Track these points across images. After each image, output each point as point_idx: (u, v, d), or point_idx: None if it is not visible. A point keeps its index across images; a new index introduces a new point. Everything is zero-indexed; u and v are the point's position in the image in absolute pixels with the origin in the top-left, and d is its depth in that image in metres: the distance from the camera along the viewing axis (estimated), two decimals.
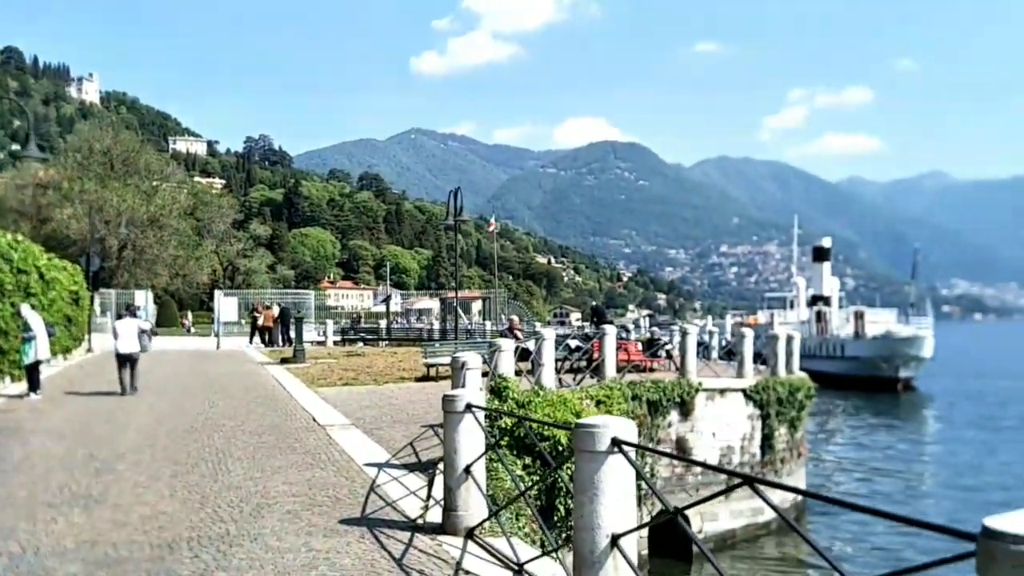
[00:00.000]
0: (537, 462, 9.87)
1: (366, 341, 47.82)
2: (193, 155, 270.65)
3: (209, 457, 11.28)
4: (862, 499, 24.67)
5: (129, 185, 72.59)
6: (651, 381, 18.03)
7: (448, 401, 7.47)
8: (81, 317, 30.00)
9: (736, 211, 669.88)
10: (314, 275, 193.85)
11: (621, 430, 4.72)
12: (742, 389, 20.32)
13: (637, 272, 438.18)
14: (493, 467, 8.73)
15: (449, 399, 7.48)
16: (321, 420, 14.56)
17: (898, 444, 38.18)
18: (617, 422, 4.76)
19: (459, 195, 28.91)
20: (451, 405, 7.46)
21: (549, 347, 15.31)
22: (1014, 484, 28.61)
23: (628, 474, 4.79)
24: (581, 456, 4.80)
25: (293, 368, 25.38)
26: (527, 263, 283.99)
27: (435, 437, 12.60)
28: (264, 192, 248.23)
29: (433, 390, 19.01)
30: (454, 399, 7.45)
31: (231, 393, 18.68)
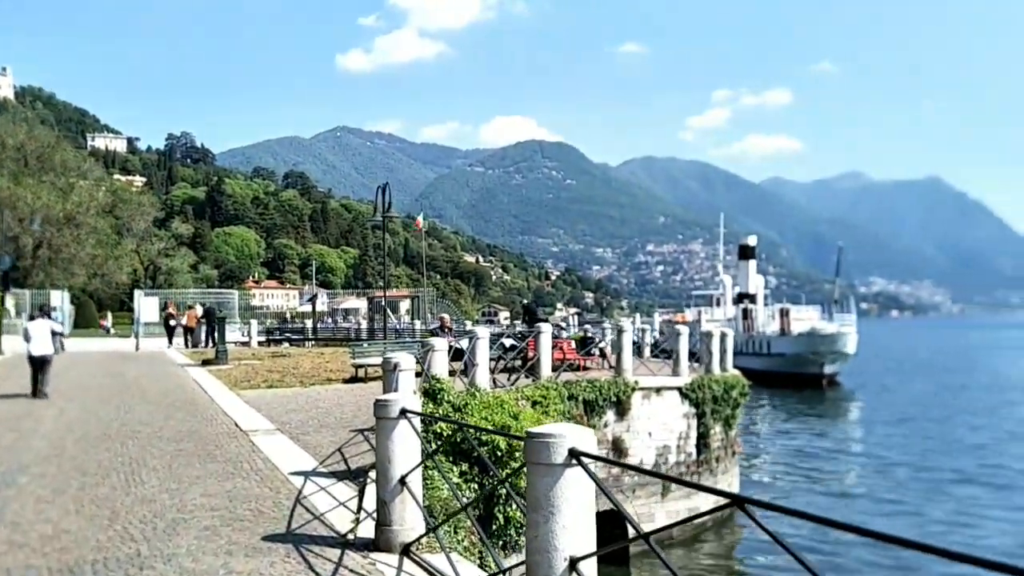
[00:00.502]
0: (475, 468, 9.35)
1: (292, 341, 46.69)
2: (113, 152, 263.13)
3: (121, 467, 10.51)
4: (798, 500, 24.70)
5: (44, 182, 70.15)
6: (587, 380, 17.62)
7: (381, 406, 6.90)
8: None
9: (662, 210, 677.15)
10: (238, 275, 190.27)
11: (579, 440, 4.22)
12: (678, 387, 20.04)
13: (565, 271, 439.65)
14: (429, 475, 8.18)
15: (382, 404, 6.91)
16: (244, 425, 13.83)
17: (825, 440, 38.54)
18: (574, 431, 4.26)
19: (387, 190, 28.21)
20: (384, 410, 6.88)
21: (483, 346, 14.79)
22: (930, 474, 28.96)
23: (588, 488, 4.30)
24: (535, 470, 4.28)
25: (215, 370, 24.41)
26: (455, 262, 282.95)
27: (365, 443, 11.99)
28: (186, 190, 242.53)
29: (362, 392, 18.35)
30: (387, 404, 6.87)
31: (148, 397, 17.77)
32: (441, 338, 18.46)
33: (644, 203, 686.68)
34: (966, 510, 24.18)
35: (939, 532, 21.41)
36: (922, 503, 24.82)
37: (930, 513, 23.69)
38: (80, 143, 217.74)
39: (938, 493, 26.26)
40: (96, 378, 21.98)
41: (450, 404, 9.93)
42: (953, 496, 25.89)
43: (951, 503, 25.03)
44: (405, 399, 6.93)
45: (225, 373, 23.16)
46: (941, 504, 24.79)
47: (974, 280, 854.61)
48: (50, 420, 14.59)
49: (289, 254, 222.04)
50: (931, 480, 28.23)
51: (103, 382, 20.96)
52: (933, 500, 25.25)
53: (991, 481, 28.16)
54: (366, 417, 14.42)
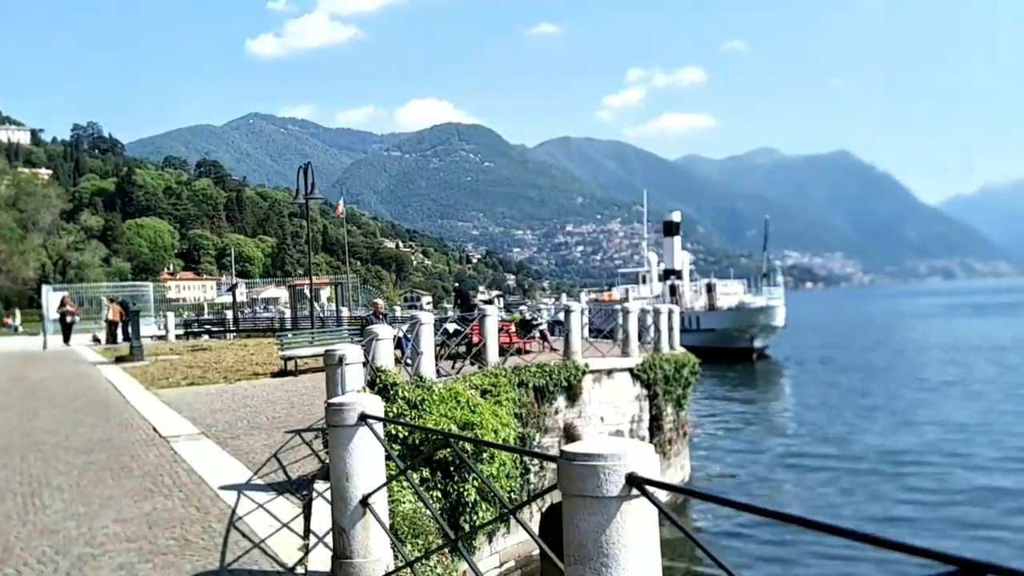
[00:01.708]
0: (436, 473, 8.13)
1: (212, 334, 44.68)
2: (15, 145, 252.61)
3: (19, 488, 9.01)
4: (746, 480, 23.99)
5: None
6: (536, 365, 16.46)
7: (335, 411, 5.61)
8: None
9: (580, 191, 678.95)
10: (153, 267, 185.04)
11: (639, 460, 3.01)
12: (629, 369, 19.02)
13: (486, 254, 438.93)
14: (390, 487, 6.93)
15: (336, 408, 5.62)
16: (163, 430, 12.35)
17: (764, 414, 38.23)
18: (634, 448, 3.05)
19: (310, 171, 26.62)
20: (339, 416, 5.60)
21: (428, 332, 13.50)
22: (873, 443, 28.70)
23: (651, 526, 3.10)
24: (576, 505, 3.05)
25: (130, 368, 22.66)
26: (375, 248, 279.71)
27: (304, 446, 10.68)
28: (95, 182, 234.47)
29: (293, 387, 16.97)
30: (342, 408, 5.59)
31: (56, 401, 16.08)
32: (381, 325, 17.16)
33: (562, 184, 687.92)
34: (908, 471, 24.01)
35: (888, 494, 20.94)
36: (865, 476, 24.39)
37: (877, 487, 23.24)
38: None
39: (881, 459, 25.92)
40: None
41: (404, 401, 8.69)
42: (895, 458, 25.64)
43: (889, 465, 24.81)
44: (365, 402, 5.66)
45: (141, 371, 21.46)
46: (885, 468, 24.42)
47: (883, 250, 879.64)
48: None
49: (205, 244, 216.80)
50: (876, 452, 27.90)
51: (5, 385, 19.10)
52: (876, 470, 24.87)
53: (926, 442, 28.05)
54: (301, 415, 13.09)
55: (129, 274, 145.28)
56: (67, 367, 23.85)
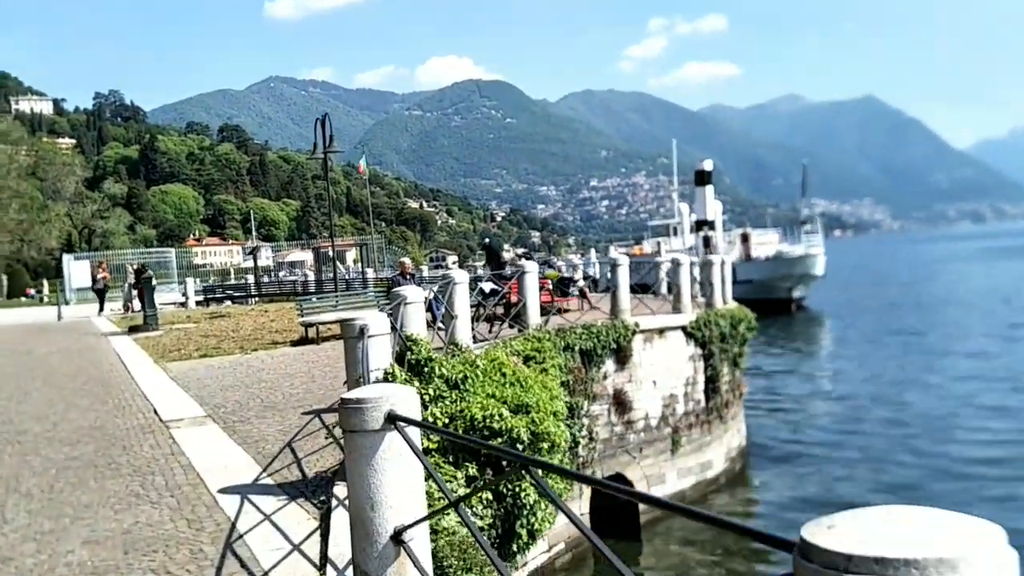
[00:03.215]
0: (487, 471, 6.48)
1: (233, 299, 43.29)
2: (38, 115, 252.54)
3: None
4: (807, 444, 22.25)
5: None
6: (582, 326, 14.78)
7: (353, 410, 3.94)
8: None
9: (603, 144, 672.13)
10: (178, 233, 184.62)
11: None
12: (682, 327, 17.28)
13: (510, 211, 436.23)
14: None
15: (354, 407, 3.94)
16: (165, 413, 10.79)
17: (809, 369, 36.45)
18: None
19: (327, 123, 24.88)
20: (359, 417, 3.93)
21: (463, 293, 11.84)
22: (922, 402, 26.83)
23: None
24: None
25: (142, 338, 21.19)
26: (399, 208, 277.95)
27: (324, 431, 9.07)
28: (118, 150, 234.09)
29: (314, 357, 15.39)
30: (364, 407, 3.91)
31: (54, 379, 14.59)
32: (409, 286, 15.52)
33: (585, 138, 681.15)
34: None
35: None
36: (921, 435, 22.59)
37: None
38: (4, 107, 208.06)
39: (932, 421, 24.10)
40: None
41: (443, 380, 7.02)
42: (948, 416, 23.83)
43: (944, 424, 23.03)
44: (394, 396, 3.98)
45: (153, 342, 19.98)
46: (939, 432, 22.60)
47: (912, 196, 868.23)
48: None
49: (229, 209, 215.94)
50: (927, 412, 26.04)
51: (4, 361, 17.65)
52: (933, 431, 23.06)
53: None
54: (322, 392, 11.51)
55: (155, 241, 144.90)
56: (75, 339, 22.41)
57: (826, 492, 17.88)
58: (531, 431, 6.57)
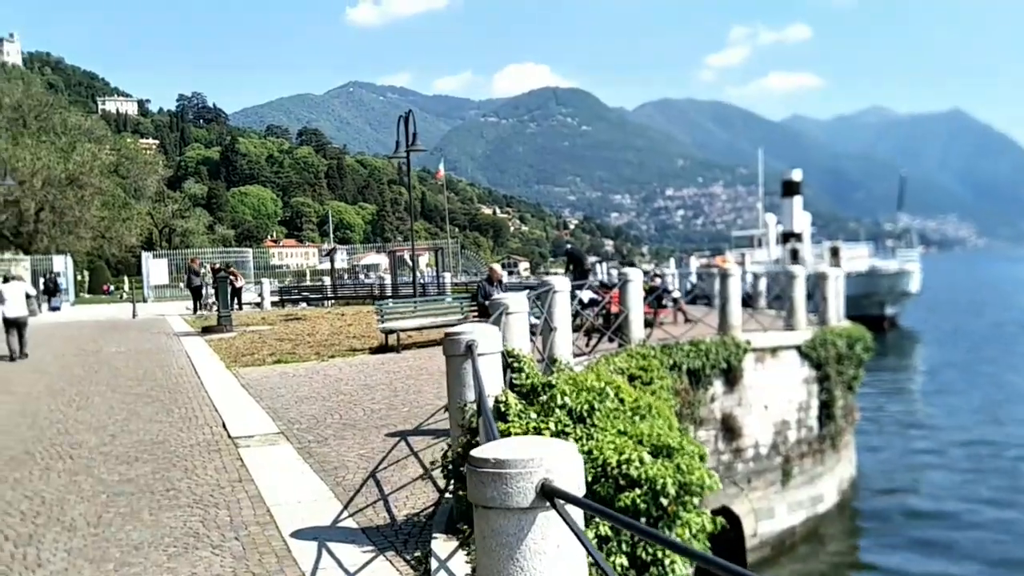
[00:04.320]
0: (620, 531, 5.14)
1: (309, 301, 42.64)
2: (124, 115, 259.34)
3: (17, 525, 6.39)
4: (916, 474, 20.40)
5: (44, 142, 66.21)
6: (688, 343, 13.37)
7: (489, 479, 2.67)
8: None
9: (680, 153, 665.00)
10: (256, 234, 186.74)
11: None
12: (796, 346, 15.72)
13: (583, 219, 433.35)
14: None
15: (491, 474, 2.67)
16: (234, 428, 9.69)
17: (908, 391, 34.37)
18: None
19: (411, 120, 23.85)
20: (497, 488, 2.68)
21: (564, 302, 10.55)
22: None
23: None
24: None
25: (215, 340, 20.31)
26: (472, 214, 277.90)
27: (412, 458, 7.84)
28: (200, 151, 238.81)
29: (395, 367, 14.20)
30: (505, 475, 2.65)
31: (118, 382, 13.66)
32: (500, 293, 14.27)
33: (662, 146, 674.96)
34: None
35: None
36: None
37: None
38: (91, 107, 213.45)
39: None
40: (64, 355, 17.89)
41: (567, 412, 5.69)
42: None
43: None
44: (547, 457, 2.69)
45: (226, 344, 19.06)
46: None
47: (998, 213, 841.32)
48: None
49: (307, 212, 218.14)
50: None
51: (70, 361, 16.86)
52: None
53: None
54: (407, 409, 10.28)
55: (233, 241, 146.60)
56: (147, 338, 21.65)
57: (944, 534, 16.15)
58: (678, 481, 5.23)
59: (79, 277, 74.85)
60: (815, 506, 16.04)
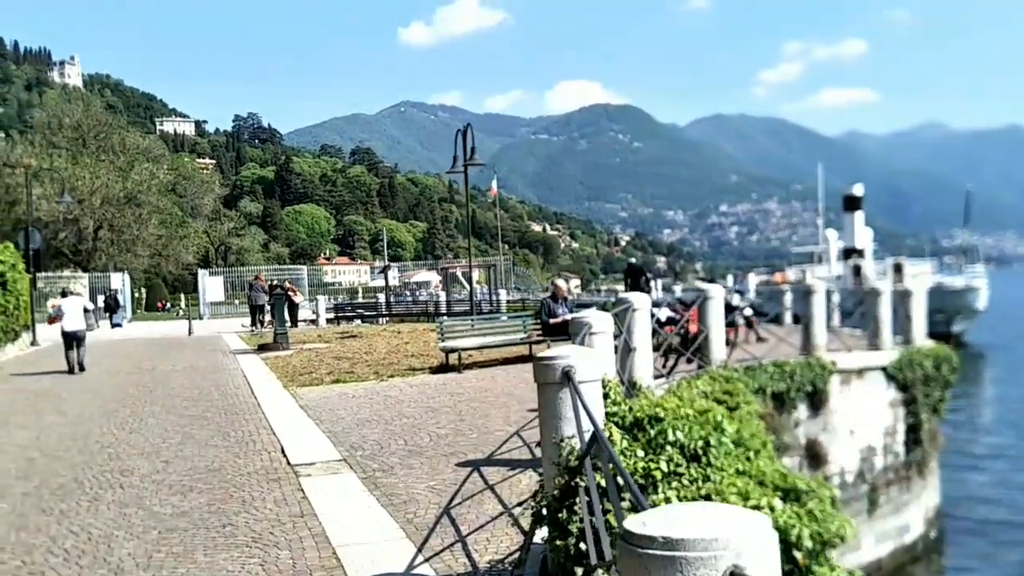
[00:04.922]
0: None
1: (364, 318, 42.26)
2: (181, 135, 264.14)
3: (64, 566, 5.80)
4: (1002, 505, 19.20)
5: (103, 161, 67.09)
6: (772, 364, 12.54)
7: (676, 567, 1.97)
8: (12, 303, 24.30)
9: (734, 169, 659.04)
10: (310, 252, 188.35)
11: None
12: (882, 367, 14.80)
13: (635, 236, 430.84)
14: None
15: (661, 558, 1.97)
16: (293, 454, 9.07)
17: (981, 413, 32.88)
18: None
19: (470, 134, 23.33)
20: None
21: (644, 321, 9.82)
22: None
23: None
24: None
25: (271, 358, 19.84)
26: (523, 231, 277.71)
27: (488, 491, 7.14)
28: (255, 170, 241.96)
29: (458, 388, 13.53)
30: (682, 572, 1.94)
31: (173, 402, 13.17)
32: (563, 310, 13.66)
33: (715, 162, 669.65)
34: None
35: None
36: None
37: None
38: (149, 128, 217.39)
39: None
40: (120, 373, 17.53)
41: (678, 449, 4.91)
42: None
43: None
44: (733, 540, 1.98)
45: (283, 363, 18.57)
46: None
47: None
48: (14, 446, 10.03)
49: (359, 230, 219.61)
50: None
51: (124, 380, 16.46)
52: None
53: None
54: (475, 435, 9.59)
55: (287, 259, 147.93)
56: (203, 356, 21.27)
57: None
58: (813, 531, 4.47)
59: (136, 294, 75.58)
60: (902, 536, 15.07)
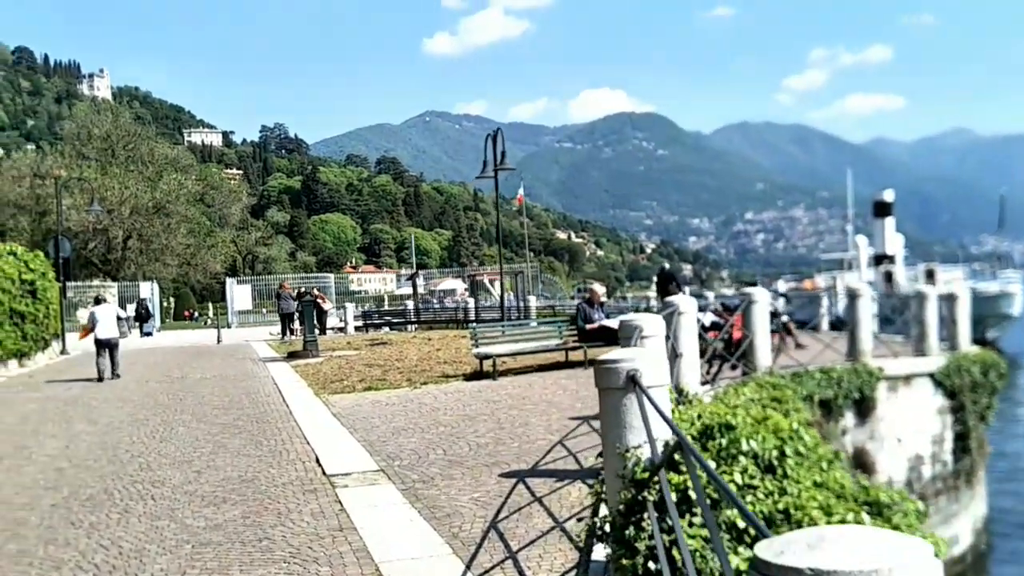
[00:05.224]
0: None
1: (392, 325, 42.03)
2: (209, 146, 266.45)
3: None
4: None
5: (132, 171, 67.46)
6: (819, 370, 12.13)
7: None
8: (42, 312, 24.22)
9: (759, 176, 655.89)
10: (336, 261, 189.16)
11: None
12: (929, 373, 14.34)
13: (660, 243, 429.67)
14: None
15: None
16: (328, 464, 8.76)
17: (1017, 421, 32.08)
18: None
19: (499, 138, 23.03)
20: None
21: (690, 326, 9.45)
22: None
23: None
24: None
25: (301, 366, 19.59)
26: (548, 239, 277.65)
27: (536, 504, 6.80)
28: (282, 180, 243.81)
29: (494, 395, 13.17)
30: None
31: (203, 411, 12.91)
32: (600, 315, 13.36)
33: (740, 170, 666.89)
34: None
35: None
36: None
37: None
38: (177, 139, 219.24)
39: None
40: (149, 382, 17.31)
41: (751, 459, 4.56)
42: None
43: None
44: (898, 570, 1.63)
45: (313, 370, 18.32)
46: None
47: None
48: (43, 456, 9.79)
49: (385, 238, 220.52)
50: None
51: (154, 388, 16.25)
52: None
53: None
54: (516, 444, 9.23)
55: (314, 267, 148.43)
56: (232, 364, 21.06)
57: None
58: None
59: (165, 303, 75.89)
60: (951, 548, 14.57)
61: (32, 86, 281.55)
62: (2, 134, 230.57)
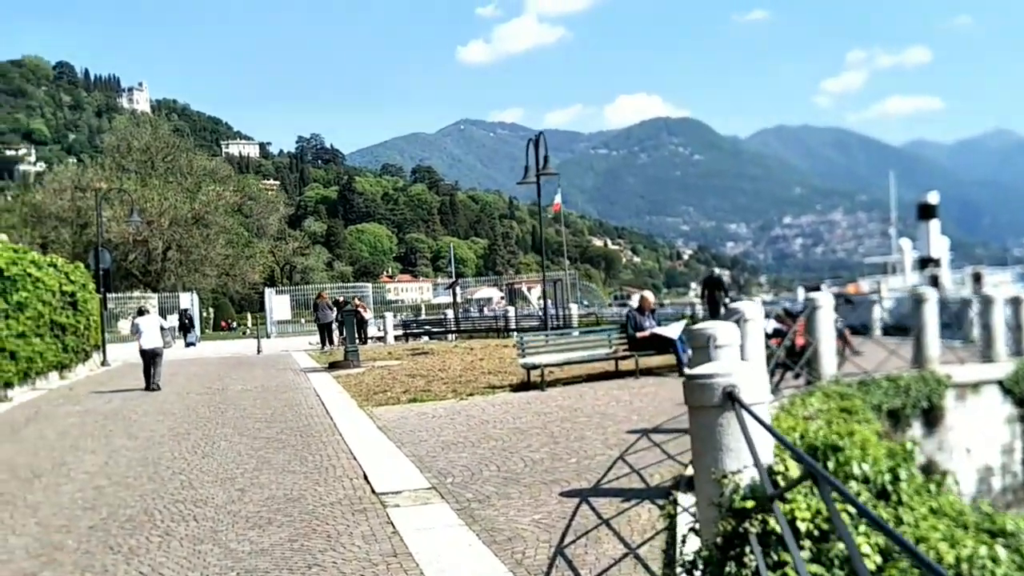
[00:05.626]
0: None
1: (432, 335, 41.73)
2: (246, 158, 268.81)
3: None
4: None
5: (171, 183, 67.86)
6: (886, 379, 11.53)
7: None
8: (82, 323, 24.10)
9: (797, 180, 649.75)
10: (373, 270, 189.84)
11: None
12: (998, 380, 13.68)
13: (697, 249, 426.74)
14: None
15: None
16: (377, 481, 8.33)
17: None
18: None
19: (542, 142, 22.59)
20: None
21: (757, 333, 8.93)
22: None
23: None
24: None
25: (343, 376, 19.23)
26: (584, 246, 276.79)
27: (604, 527, 6.32)
28: (318, 190, 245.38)
29: (544, 407, 12.70)
30: None
31: (246, 424, 12.56)
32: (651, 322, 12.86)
33: (778, 174, 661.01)
34: None
35: None
36: None
37: None
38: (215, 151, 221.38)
39: None
40: (190, 394, 17.02)
41: (863, 482, 4.08)
42: None
43: None
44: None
45: (355, 381, 17.94)
46: None
47: None
48: (82, 473, 9.46)
49: (421, 247, 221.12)
50: None
51: (195, 400, 15.95)
52: None
53: None
54: (574, 460, 8.75)
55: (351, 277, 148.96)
56: (273, 375, 20.74)
57: None
58: None
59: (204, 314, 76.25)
60: None
61: (73, 100, 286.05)
62: (44, 148, 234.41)
